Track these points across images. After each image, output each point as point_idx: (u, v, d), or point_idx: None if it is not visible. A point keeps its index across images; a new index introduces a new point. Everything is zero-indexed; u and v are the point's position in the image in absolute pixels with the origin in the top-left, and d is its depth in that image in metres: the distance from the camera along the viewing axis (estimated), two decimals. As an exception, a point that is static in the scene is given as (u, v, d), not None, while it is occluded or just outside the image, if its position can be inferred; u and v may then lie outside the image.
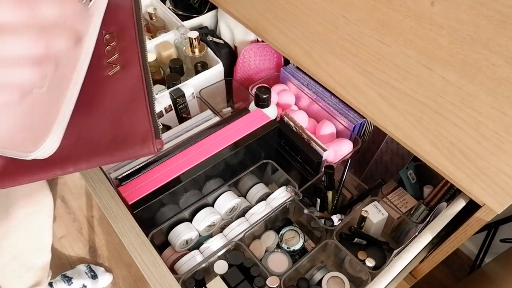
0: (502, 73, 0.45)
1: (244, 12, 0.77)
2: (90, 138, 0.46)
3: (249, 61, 0.91)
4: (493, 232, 1.10)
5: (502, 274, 0.91)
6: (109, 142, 0.45)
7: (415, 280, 0.79)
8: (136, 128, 0.45)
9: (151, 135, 0.45)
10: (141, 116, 0.46)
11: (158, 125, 0.46)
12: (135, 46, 0.48)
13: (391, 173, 0.82)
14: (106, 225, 1.43)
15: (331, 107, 0.80)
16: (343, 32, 0.60)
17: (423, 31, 0.51)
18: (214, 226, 0.69)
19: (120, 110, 0.47)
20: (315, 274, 0.67)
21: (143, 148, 0.45)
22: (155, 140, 0.45)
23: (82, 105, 0.46)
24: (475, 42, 0.46)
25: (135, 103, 0.47)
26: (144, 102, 0.46)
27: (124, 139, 0.45)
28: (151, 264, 0.53)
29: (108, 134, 0.46)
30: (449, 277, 1.29)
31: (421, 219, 0.73)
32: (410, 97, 0.56)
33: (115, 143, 0.45)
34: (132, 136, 0.45)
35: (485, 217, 0.56)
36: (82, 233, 1.41)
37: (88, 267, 1.28)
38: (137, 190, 0.59)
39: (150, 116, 0.46)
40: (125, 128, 0.46)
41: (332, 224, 0.68)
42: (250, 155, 0.70)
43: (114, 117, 0.46)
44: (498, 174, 0.50)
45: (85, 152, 0.45)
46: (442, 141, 0.55)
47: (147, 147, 0.45)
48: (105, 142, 0.45)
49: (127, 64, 0.48)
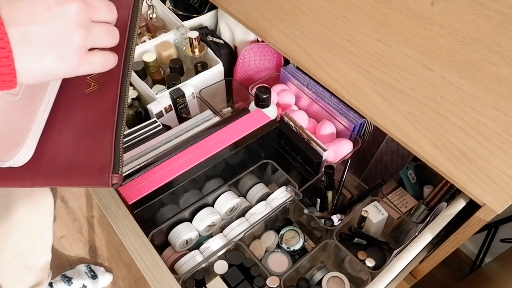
0: (502, 73, 0.45)
1: (244, 12, 0.77)
2: (52, 157, 0.44)
3: (249, 61, 0.91)
4: (493, 232, 1.10)
5: (502, 274, 0.91)
6: (67, 165, 0.44)
7: (415, 280, 0.79)
8: (96, 157, 0.43)
9: (108, 169, 0.42)
10: (105, 145, 0.43)
11: (120, 158, 0.43)
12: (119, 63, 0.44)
13: (391, 173, 0.82)
14: (106, 225, 1.43)
15: (331, 107, 0.80)
16: (343, 32, 0.60)
17: (423, 31, 0.51)
18: (214, 226, 0.69)
19: (87, 133, 0.45)
20: (315, 274, 0.67)
21: (97, 180, 0.42)
22: (112, 174, 0.42)
23: (52, 120, 0.44)
24: (475, 42, 0.46)
25: (102, 129, 0.44)
26: (111, 131, 0.44)
27: (81, 166, 0.43)
28: (151, 264, 0.53)
29: (68, 156, 0.44)
30: (449, 277, 1.29)
31: (421, 219, 0.73)
32: (410, 97, 0.56)
33: (72, 168, 0.44)
34: (90, 165, 0.43)
35: (485, 217, 0.56)
36: (82, 233, 1.41)
37: (88, 267, 1.28)
38: (137, 190, 0.59)
39: (114, 147, 0.43)
40: (86, 155, 0.44)
41: (332, 224, 0.68)
42: (250, 155, 0.70)
43: (80, 140, 0.45)
44: (498, 174, 0.50)
45: (44, 170, 0.44)
46: (442, 141, 0.55)
47: (102, 179, 0.42)
48: (63, 165, 0.44)
49: (106, 84, 0.45)
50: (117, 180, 0.43)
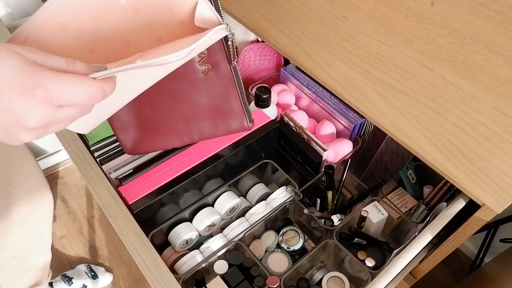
0: (502, 73, 0.45)
1: (244, 12, 0.77)
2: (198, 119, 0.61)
3: (249, 61, 0.91)
4: (493, 232, 1.10)
5: (501, 274, 0.91)
6: (213, 118, 0.61)
7: (415, 280, 0.79)
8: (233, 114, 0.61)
9: (245, 119, 0.62)
10: (237, 106, 0.60)
11: (249, 112, 0.62)
12: (220, 43, 0.54)
13: (391, 173, 0.82)
14: (106, 225, 1.43)
15: (331, 107, 0.80)
16: (343, 32, 0.60)
17: (423, 31, 0.51)
18: (214, 226, 0.69)
19: (218, 101, 0.60)
20: (315, 274, 0.67)
21: (242, 129, 0.63)
22: (249, 124, 0.63)
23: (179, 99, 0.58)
24: (475, 42, 0.46)
25: (230, 96, 0.59)
26: (237, 94, 0.59)
27: (226, 120, 0.62)
28: (151, 264, 0.53)
29: (211, 116, 0.61)
30: (449, 277, 1.29)
31: (421, 219, 0.73)
32: (410, 97, 0.56)
33: (218, 120, 0.61)
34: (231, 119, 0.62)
35: (485, 217, 0.56)
36: (82, 233, 1.41)
37: (88, 267, 1.28)
38: (137, 190, 0.59)
39: (243, 107, 0.61)
40: (225, 114, 0.61)
41: (332, 224, 0.68)
42: (250, 155, 0.70)
43: (214, 107, 0.60)
44: (498, 174, 0.50)
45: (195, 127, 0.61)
46: (442, 141, 0.55)
47: (244, 128, 0.63)
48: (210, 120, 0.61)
49: (216, 63, 0.56)
50: (252, 124, 0.64)
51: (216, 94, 0.59)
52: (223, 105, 0.60)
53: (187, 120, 0.60)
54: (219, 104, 0.60)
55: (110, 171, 0.63)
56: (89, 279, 1.24)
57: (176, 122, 0.60)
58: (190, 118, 0.60)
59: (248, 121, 0.62)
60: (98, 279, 1.26)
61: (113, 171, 0.63)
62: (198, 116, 0.60)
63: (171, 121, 0.60)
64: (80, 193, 1.52)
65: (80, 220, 1.44)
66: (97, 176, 0.62)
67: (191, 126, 0.61)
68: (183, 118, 0.60)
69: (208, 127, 0.62)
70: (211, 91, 0.58)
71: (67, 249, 1.36)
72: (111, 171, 0.63)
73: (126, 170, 0.63)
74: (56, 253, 1.34)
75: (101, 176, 0.62)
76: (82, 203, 1.49)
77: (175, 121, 0.60)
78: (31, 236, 0.98)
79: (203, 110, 0.60)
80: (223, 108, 0.60)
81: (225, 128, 0.62)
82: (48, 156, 1.53)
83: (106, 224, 1.43)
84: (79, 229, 1.42)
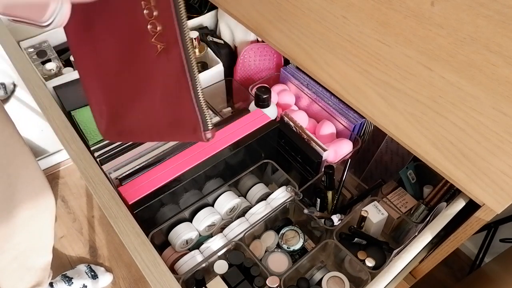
0: (502, 73, 0.45)
1: (244, 12, 0.77)
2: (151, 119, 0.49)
3: (249, 61, 0.91)
4: (493, 232, 1.10)
5: (501, 274, 0.91)
6: (168, 124, 0.48)
7: (415, 280, 0.79)
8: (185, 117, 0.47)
9: (199, 128, 0.46)
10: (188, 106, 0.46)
11: (205, 115, 0.46)
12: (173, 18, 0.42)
13: (391, 173, 0.82)
14: (106, 225, 1.43)
15: (331, 107, 0.80)
16: (343, 32, 0.60)
17: (423, 31, 0.51)
18: (214, 226, 0.69)
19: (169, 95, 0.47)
20: (315, 274, 0.67)
21: (195, 138, 0.47)
22: (204, 132, 0.46)
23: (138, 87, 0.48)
24: (475, 42, 0.46)
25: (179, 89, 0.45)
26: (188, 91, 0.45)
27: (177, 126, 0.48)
28: (151, 264, 0.53)
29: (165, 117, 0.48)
30: (449, 277, 1.29)
31: (421, 219, 0.73)
32: (410, 97, 0.56)
33: (172, 126, 0.48)
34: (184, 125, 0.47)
35: (485, 217, 0.57)
36: (82, 233, 1.41)
37: (88, 267, 1.28)
38: (137, 190, 0.59)
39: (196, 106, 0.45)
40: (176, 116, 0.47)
41: (332, 224, 0.68)
42: (250, 155, 0.70)
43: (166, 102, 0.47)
44: (498, 174, 0.50)
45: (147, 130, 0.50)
46: (442, 141, 0.55)
47: (198, 138, 0.47)
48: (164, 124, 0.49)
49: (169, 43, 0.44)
50: (211, 134, 0.46)
51: (163, 85, 0.47)
52: (170, 103, 0.47)
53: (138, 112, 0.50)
54: (165, 100, 0.47)
55: (110, 171, 0.63)
56: (89, 279, 1.24)
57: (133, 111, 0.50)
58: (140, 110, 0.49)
59: (202, 129, 0.46)
60: (98, 279, 1.26)
61: (113, 171, 0.63)
62: (147, 109, 0.49)
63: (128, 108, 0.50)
64: (80, 193, 1.52)
65: (80, 220, 1.44)
66: (97, 176, 0.62)
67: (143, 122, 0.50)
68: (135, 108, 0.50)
69: (156, 127, 0.50)
70: (159, 81, 0.47)
71: (67, 249, 1.37)
72: (111, 171, 0.63)
73: (126, 170, 0.63)
74: (56, 253, 1.34)
75: (101, 176, 0.62)
76: (82, 203, 1.49)
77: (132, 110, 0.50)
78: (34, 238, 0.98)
79: (152, 103, 0.48)
80: (171, 106, 0.47)
81: (171, 132, 0.49)
82: (48, 156, 1.53)
83: (106, 224, 1.43)
84: (79, 229, 1.42)
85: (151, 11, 0.43)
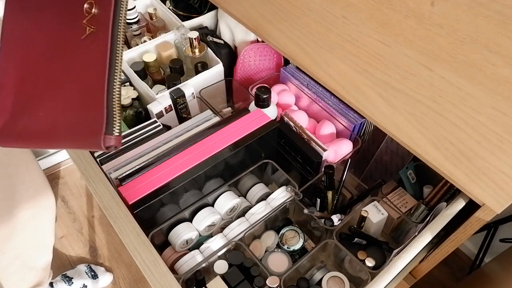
0: (502, 73, 0.45)
1: (244, 12, 0.77)
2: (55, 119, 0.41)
3: (249, 61, 0.91)
4: (493, 232, 1.10)
5: (501, 274, 0.91)
6: (67, 127, 0.41)
7: (415, 280, 0.79)
8: (88, 116, 0.39)
9: (101, 130, 0.38)
10: (98, 102, 0.38)
11: (114, 116, 0.38)
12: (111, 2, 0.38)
13: (391, 173, 0.82)
14: (107, 225, 1.43)
15: (331, 107, 0.80)
16: (343, 32, 0.60)
17: (423, 31, 0.51)
18: (214, 226, 0.69)
19: (84, 89, 0.40)
20: (315, 274, 0.67)
21: (91, 143, 0.39)
22: (105, 136, 0.38)
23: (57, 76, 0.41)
24: (475, 42, 0.46)
25: (95, 83, 0.38)
26: (103, 85, 0.38)
27: (79, 128, 0.40)
28: (151, 264, 0.53)
29: (69, 117, 0.40)
30: (449, 277, 1.29)
31: (421, 219, 0.73)
32: (410, 97, 0.56)
33: (71, 130, 0.40)
34: (86, 127, 0.39)
35: (485, 217, 0.57)
36: (82, 233, 1.41)
37: (88, 267, 1.28)
38: (137, 190, 0.59)
39: (106, 103, 0.38)
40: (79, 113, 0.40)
41: (332, 224, 0.68)
42: (250, 155, 0.70)
43: (79, 98, 0.40)
44: (498, 174, 0.50)
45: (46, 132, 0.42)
46: (442, 141, 0.55)
47: (95, 142, 0.38)
48: (64, 127, 0.41)
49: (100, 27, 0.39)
50: (114, 142, 0.38)
51: (81, 77, 0.40)
52: (82, 98, 0.39)
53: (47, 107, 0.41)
54: (79, 95, 0.40)
55: (110, 171, 0.63)
56: (89, 279, 1.24)
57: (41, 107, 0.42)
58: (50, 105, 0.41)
59: (104, 131, 0.38)
60: (98, 279, 1.26)
61: (113, 171, 0.63)
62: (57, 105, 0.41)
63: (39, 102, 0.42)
64: (80, 193, 1.52)
65: (80, 220, 1.44)
66: (97, 176, 0.62)
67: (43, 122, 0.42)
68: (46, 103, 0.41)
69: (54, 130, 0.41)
70: (79, 69, 0.40)
71: (67, 249, 1.37)
72: (111, 171, 0.63)
73: (126, 170, 0.63)
74: (56, 253, 1.34)
75: (101, 176, 0.62)
76: (82, 203, 1.49)
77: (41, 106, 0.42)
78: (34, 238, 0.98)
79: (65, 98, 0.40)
80: (81, 103, 0.39)
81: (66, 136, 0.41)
82: (49, 156, 1.53)
83: (106, 224, 1.43)
84: (79, 229, 1.42)
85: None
